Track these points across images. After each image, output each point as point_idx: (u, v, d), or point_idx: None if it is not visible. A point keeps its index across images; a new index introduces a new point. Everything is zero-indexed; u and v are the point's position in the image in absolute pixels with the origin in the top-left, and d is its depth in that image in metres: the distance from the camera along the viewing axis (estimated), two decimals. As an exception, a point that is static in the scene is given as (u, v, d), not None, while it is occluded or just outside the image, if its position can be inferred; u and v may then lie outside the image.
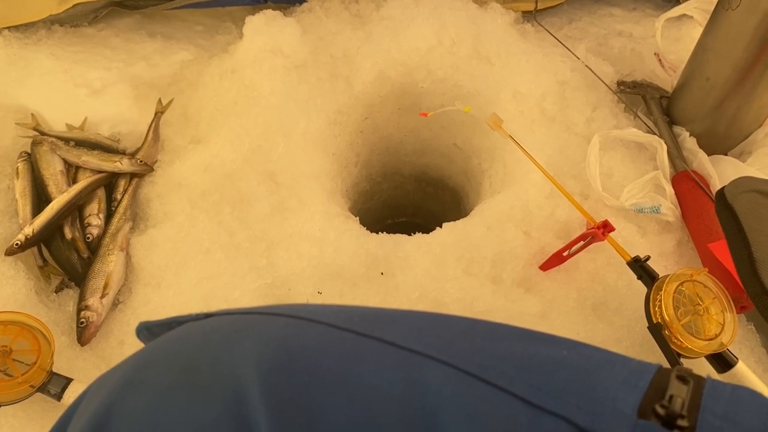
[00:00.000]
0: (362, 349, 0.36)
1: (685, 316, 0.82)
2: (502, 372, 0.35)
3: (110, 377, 0.39)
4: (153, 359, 0.38)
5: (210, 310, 0.89)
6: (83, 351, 0.89)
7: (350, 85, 1.12)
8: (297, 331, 0.38)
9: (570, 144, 1.04)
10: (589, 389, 0.34)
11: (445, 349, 0.36)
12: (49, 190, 1.02)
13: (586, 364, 0.37)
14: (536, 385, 0.34)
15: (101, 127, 1.13)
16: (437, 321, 0.40)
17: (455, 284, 0.90)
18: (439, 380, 0.34)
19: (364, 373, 0.34)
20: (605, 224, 0.87)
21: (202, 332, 0.39)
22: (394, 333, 0.37)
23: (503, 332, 0.40)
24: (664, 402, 0.33)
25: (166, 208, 1.01)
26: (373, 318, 0.39)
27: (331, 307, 0.41)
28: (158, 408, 0.35)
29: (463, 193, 1.27)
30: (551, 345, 0.39)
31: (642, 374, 0.36)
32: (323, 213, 0.97)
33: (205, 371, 0.36)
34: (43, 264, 0.97)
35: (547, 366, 0.36)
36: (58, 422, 0.42)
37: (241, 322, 0.40)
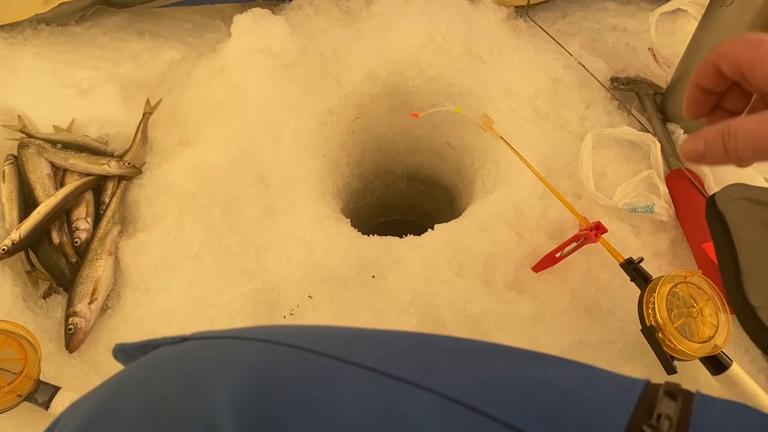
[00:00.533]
0: (340, 375, 0.35)
1: (678, 318, 0.81)
2: (486, 397, 0.34)
3: (83, 405, 0.38)
4: (125, 387, 0.37)
5: (199, 315, 0.89)
6: (72, 358, 0.88)
7: (340, 84, 1.10)
8: (272, 359, 0.37)
9: (563, 143, 1.03)
10: (574, 411, 0.33)
11: (426, 373, 0.35)
12: (36, 194, 1.01)
13: (573, 383, 0.36)
14: (520, 410, 0.33)
15: (89, 129, 1.11)
16: (419, 342, 0.39)
17: (447, 287, 0.89)
18: (419, 408, 0.33)
19: (342, 401, 0.33)
20: (597, 225, 0.86)
21: (176, 359, 0.38)
22: (374, 357, 0.36)
23: (487, 351, 0.39)
24: (651, 422, 0.32)
25: (155, 211, 1.00)
26: (353, 341, 0.38)
27: (311, 329, 0.40)
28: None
29: (456, 191, 1.26)
30: (536, 363, 0.39)
31: (630, 392, 0.35)
32: (313, 215, 0.96)
33: (177, 402, 0.35)
34: (30, 269, 0.96)
35: (532, 388, 0.35)
36: None
37: (216, 348, 0.39)
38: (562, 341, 0.87)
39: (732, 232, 0.43)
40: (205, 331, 0.42)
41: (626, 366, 0.85)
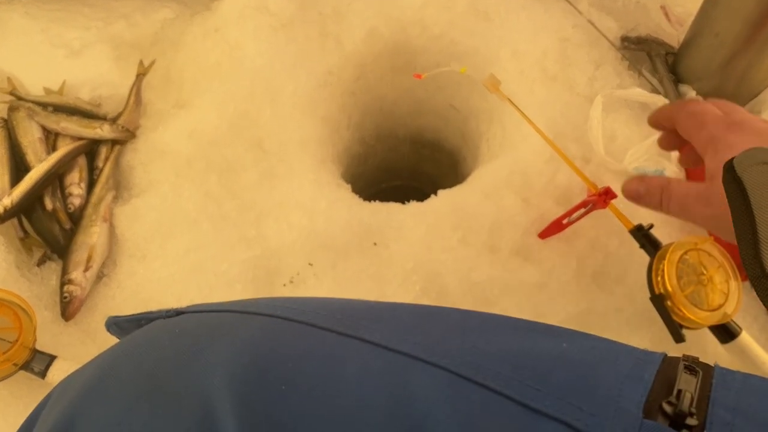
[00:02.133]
0: (344, 352, 0.33)
1: (688, 286, 0.79)
2: (497, 372, 0.32)
3: (74, 383, 0.36)
4: (117, 365, 0.35)
5: (197, 283, 0.87)
6: (68, 326, 0.87)
7: (340, 43, 1.06)
8: (272, 334, 0.35)
9: (572, 105, 0.99)
10: (590, 387, 0.31)
11: (433, 348, 0.33)
12: (28, 159, 0.98)
13: (588, 357, 0.34)
14: (534, 386, 0.31)
15: (81, 91, 1.08)
16: (426, 315, 0.37)
17: (451, 254, 0.87)
18: (427, 385, 0.31)
19: (345, 379, 0.31)
20: (607, 191, 0.83)
21: (170, 335, 0.36)
22: (379, 332, 0.34)
23: (497, 324, 0.37)
24: (671, 399, 0.30)
25: (150, 176, 0.97)
26: (357, 315, 0.36)
27: (312, 301, 0.38)
28: (121, 422, 0.32)
29: (460, 155, 1.23)
30: (549, 337, 0.36)
31: (647, 365, 0.33)
32: (314, 181, 0.93)
33: (171, 381, 0.32)
34: (23, 236, 0.94)
35: (546, 362, 0.33)
36: (24, 424, 0.39)
37: (213, 323, 0.36)
38: (568, 309, 0.85)
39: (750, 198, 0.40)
40: (202, 303, 0.40)
41: (633, 335, 0.83)
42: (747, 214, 0.43)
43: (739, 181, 0.45)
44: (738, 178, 0.45)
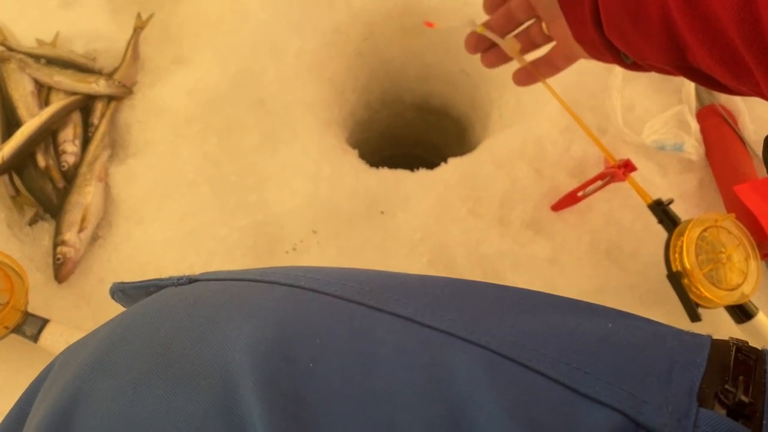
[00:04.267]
0: (375, 326, 0.30)
1: (706, 264, 0.77)
2: (542, 353, 0.29)
3: (79, 352, 0.33)
4: (127, 336, 0.32)
5: (195, 248, 0.83)
6: (61, 289, 0.84)
7: (348, 0, 1.01)
8: (296, 305, 0.31)
9: (589, 72, 0.95)
10: (640, 371, 0.28)
11: (472, 325, 0.30)
12: (20, 113, 0.93)
13: (634, 339, 0.31)
14: (582, 369, 0.28)
15: (75, 44, 1.02)
16: (460, 290, 0.34)
17: (460, 225, 0.84)
18: (467, 364, 0.28)
19: (378, 356, 0.28)
20: (627, 163, 0.80)
21: (185, 305, 0.32)
22: (411, 306, 0.31)
23: (536, 302, 0.34)
24: (728, 386, 0.27)
25: (147, 135, 0.93)
26: (386, 286, 0.32)
27: (337, 271, 0.34)
28: (132, 399, 0.29)
29: (469, 123, 1.19)
30: (592, 316, 0.34)
31: (698, 349, 0.30)
32: (318, 145, 0.89)
33: (187, 355, 0.29)
34: (15, 194, 0.90)
35: (592, 343, 0.30)
36: (21, 398, 0.36)
37: (231, 292, 0.33)
38: (581, 285, 0.82)
39: None
40: (216, 271, 0.36)
41: (647, 312, 0.80)
42: None
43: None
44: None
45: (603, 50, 0.52)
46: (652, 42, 0.44)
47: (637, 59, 0.50)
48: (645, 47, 0.46)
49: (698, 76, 0.45)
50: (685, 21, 0.38)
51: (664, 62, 0.45)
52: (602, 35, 0.49)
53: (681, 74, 0.47)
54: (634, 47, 0.47)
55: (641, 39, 0.45)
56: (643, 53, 0.47)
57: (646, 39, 0.44)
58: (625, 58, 0.51)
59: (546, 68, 0.69)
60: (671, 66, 0.45)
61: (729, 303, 0.76)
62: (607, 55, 0.53)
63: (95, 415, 0.29)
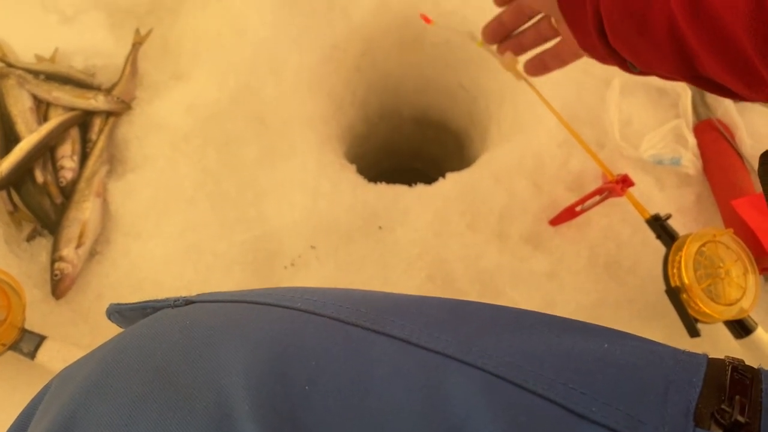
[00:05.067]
0: (371, 348, 0.30)
1: (705, 279, 0.77)
2: (538, 374, 0.29)
3: (75, 374, 0.33)
4: (123, 359, 0.32)
5: (193, 263, 0.83)
6: (58, 305, 0.83)
7: (348, 15, 1.01)
8: (293, 327, 0.31)
9: (587, 87, 0.95)
10: (637, 391, 0.28)
11: (468, 347, 0.30)
12: (18, 129, 0.94)
13: (631, 359, 0.31)
14: (579, 389, 0.28)
15: (74, 59, 1.03)
16: (456, 311, 0.34)
17: (458, 240, 0.84)
18: (464, 386, 0.28)
19: (375, 379, 0.28)
20: (624, 178, 0.80)
21: (181, 328, 0.32)
22: (407, 327, 0.31)
23: (531, 321, 0.34)
24: (724, 406, 0.27)
25: (146, 150, 0.93)
26: (382, 307, 0.32)
27: (333, 292, 0.34)
28: (127, 422, 0.29)
29: (467, 137, 1.19)
30: (588, 336, 0.34)
31: (694, 368, 0.30)
32: (317, 160, 0.89)
33: (183, 378, 0.29)
34: (13, 210, 0.90)
35: (588, 363, 0.30)
36: (18, 420, 0.36)
37: (227, 314, 0.33)
38: (579, 299, 0.82)
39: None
40: (212, 292, 0.36)
41: (645, 327, 0.81)
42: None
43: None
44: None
45: (608, 58, 0.51)
46: (659, 52, 0.43)
47: (644, 69, 0.49)
48: (652, 58, 0.45)
49: (709, 85, 0.44)
50: (693, 30, 0.38)
51: (672, 72, 0.45)
52: (607, 45, 0.49)
53: (691, 83, 0.46)
54: (641, 57, 0.47)
55: (648, 49, 0.44)
56: (651, 63, 0.46)
57: (653, 49, 0.44)
58: (632, 67, 0.51)
59: (554, 61, 0.69)
60: (680, 76, 0.45)
61: (728, 318, 0.76)
62: (613, 63, 0.52)
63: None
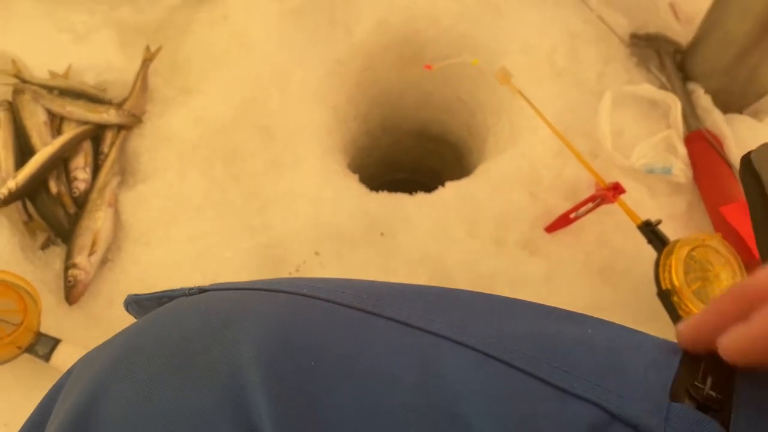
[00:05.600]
0: (371, 329, 0.33)
1: (694, 282, 0.79)
2: (524, 353, 0.32)
3: (97, 356, 0.36)
4: (143, 340, 0.35)
5: (201, 270, 0.86)
6: (71, 310, 0.86)
7: (349, 33, 1.05)
8: (299, 310, 0.34)
9: (580, 100, 0.99)
10: (617, 371, 0.31)
11: (460, 329, 0.33)
12: (33, 142, 0.97)
13: (612, 344, 0.34)
14: (562, 368, 0.31)
15: (86, 75, 1.07)
16: (449, 298, 0.37)
17: (458, 246, 0.87)
18: (457, 363, 0.31)
19: (375, 356, 0.31)
20: (616, 186, 0.83)
21: (195, 312, 0.35)
22: (405, 311, 0.34)
23: (522, 309, 0.37)
24: (697, 383, 0.30)
25: (156, 162, 0.96)
26: (382, 294, 0.35)
27: (336, 281, 0.37)
28: (147, 395, 0.31)
29: (466, 149, 1.23)
30: (573, 323, 0.36)
31: (671, 353, 0.33)
32: (321, 170, 0.92)
33: (199, 355, 0.32)
34: (28, 219, 0.93)
35: (572, 347, 0.33)
36: (43, 401, 0.39)
37: (238, 299, 0.36)
38: (574, 303, 0.85)
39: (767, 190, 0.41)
40: (225, 282, 0.39)
41: (639, 329, 0.83)
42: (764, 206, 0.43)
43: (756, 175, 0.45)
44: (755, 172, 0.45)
45: None
46: None
47: None
48: None
49: None
50: None
51: None
52: None
53: None
54: None
55: None
56: None
57: None
58: None
59: None
60: None
61: (718, 319, 0.79)
62: None
63: (114, 411, 0.32)
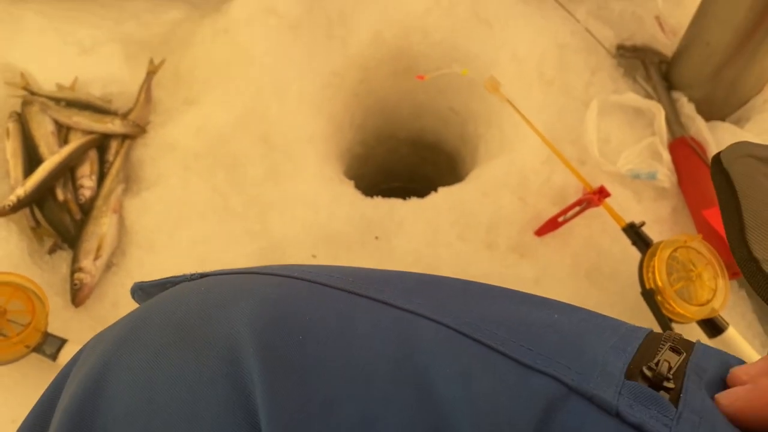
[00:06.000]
0: (355, 308, 0.36)
1: (677, 281, 0.83)
2: (494, 333, 0.35)
3: (106, 335, 0.39)
4: (148, 318, 0.38)
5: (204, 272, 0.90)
6: (77, 312, 0.89)
7: (346, 46, 1.10)
8: (290, 291, 0.38)
9: (568, 108, 1.03)
10: (578, 352, 0.34)
11: (437, 308, 0.36)
12: (41, 151, 1.01)
13: (576, 328, 0.37)
14: (526, 346, 0.34)
15: (92, 87, 1.11)
16: (430, 282, 0.40)
17: (449, 249, 0.90)
18: (431, 338, 0.34)
19: (358, 331, 0.35)
20: (601, 190, 0.86)
21: (197, 292, 0.39)
22: (387, 292, 0.37)
23: (495, 294, 0.40)
24: (651, 364, 0.33)
25: (159, 170, 1.00)
26: (367, 278, 0.39)
27: (326, 267, 0.41)
28: (153, 366, 0.35)
29: (459, 157, 1.27)
30: (543, 308, 0.40)
31: (631, 339, 0.36)
32: (318, 176, 0.96)
33: (199, 330, 0.36)
34: (35, 225, 0.97)
35: (539, 329, 0.36)
36: (56, 379, 0.42)
37: (236, 281, 0.40)
38: (563, 303, 0.88)
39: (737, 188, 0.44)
40: (224, 269, 0.43)
41: (624, 328, 0.86)
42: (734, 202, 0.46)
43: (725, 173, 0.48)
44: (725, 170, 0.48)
45: None
46: None
47: None
48: None
49: None
50: None
51: None
52: None
53: None
54: None
55: None
56: None
57: None
58: None
59: None
60: None
61: (700, 317, 0.82)
62: None
63: (122, 381, 0.35)
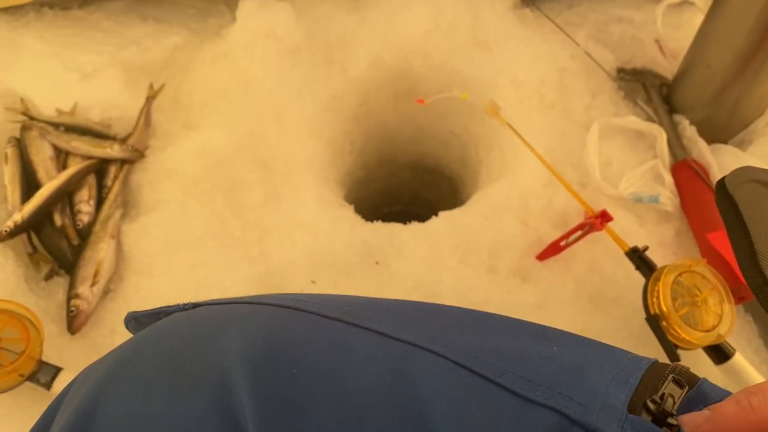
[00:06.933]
0: (350, 338, 0.35)
1: (682, 307, 0.81)
2: (492, 364, 0.34)
3: (97, 367, 0.38)
4: (139, 350, 0.37)
5: (201, 299, 0.88)
6: (73, 340, 0.88)
7: (345, 70, 1.10)
8: (283, 321, 0.37)
9: (568, 132, 1.02)
10: (579, 383, 0.33)
11: (434, 339, 0.35)
12: (39, 176, 1.01)
13: (577, 360, 0.36)
14: (526, 378, 0.33)
15: (92, 112, 1.11)
16: (428, 311, 0.39)
17: (451, 274, 0.89)
18: (428, 370, 0.33)
19: (352, 363, 0.33)
20: (603, 214, 0.86)
21: (189, 323, 0.38)
22: (383, 322, 0.36)
23: (494, 324, 0.39)
24: (656, 398, 0.32)
25: (158, 195, 0.99)
26: (362, 307, 0.38)
27: (320, 296, 0.40)
28: (144, 399, 0.34)
29: (460, 181, 1.26)
30: (542, 339, 0.39)
31: (633, 371, 0.35)
32: (317, 201, 0.95)
33: (190, 363, 0.35)
34: (32, 251, 0.96)
35: (537, 360, 0.35)
36: (47, 410, 0.41)
37: (228, 312, 0.39)
38: (566, 329, 0.86)
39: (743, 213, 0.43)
40: (217, 298, 0.42)
41: (629, 354, 0.85)
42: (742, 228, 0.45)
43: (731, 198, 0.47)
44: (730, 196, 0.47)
45: None
46: None
47: None
48: None
49: None
50: None
51: None
52: None
53: None
54: None
55: None
56: None
57: None
58: None
59: None
60: None
61: (706, 344, 0.80)
62: None
63: (112, 414, 0.34)
